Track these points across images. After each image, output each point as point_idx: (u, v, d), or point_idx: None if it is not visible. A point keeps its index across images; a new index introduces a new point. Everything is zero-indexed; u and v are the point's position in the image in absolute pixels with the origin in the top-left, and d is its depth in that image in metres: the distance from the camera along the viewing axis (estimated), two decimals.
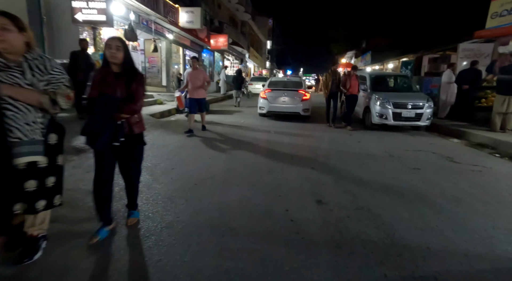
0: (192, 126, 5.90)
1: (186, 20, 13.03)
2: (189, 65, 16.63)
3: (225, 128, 6.70)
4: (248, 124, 7.32)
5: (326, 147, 5.12)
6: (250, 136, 5.85)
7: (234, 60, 24.42)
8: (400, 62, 12.84)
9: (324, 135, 6.24)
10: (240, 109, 10.60)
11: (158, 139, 5.14)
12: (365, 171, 3.75)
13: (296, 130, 6.74)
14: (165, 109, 8.41)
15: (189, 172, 3.52)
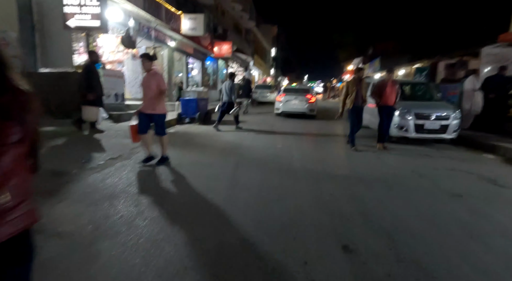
0: (153, 151, 4.22)
1: (189, 27, 12.67)
2: (191, 74, 16.26)
3: (226, 142, 6.10)
4: (253, 137, 6.72)
5: (342, 164, 4.47)
6: (254, 152, 5.24)
7: (238, 67, 24.06)
8: (413, 68, 12.21)
9: (337, 149, 5.60)
10: (243, 119, 10.04)
11: None
12: (395, 199, 3.09)
13: (306, 142, 6.12)
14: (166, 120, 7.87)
15: (183, 199, 2.91)
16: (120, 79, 7.62)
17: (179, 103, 8.69)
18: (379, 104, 5.55)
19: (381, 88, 5.48)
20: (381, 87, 5.47)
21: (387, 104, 5.48)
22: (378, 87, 5.57)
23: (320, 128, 8.77)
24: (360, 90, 5.39)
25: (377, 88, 5.58)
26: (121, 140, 5.41)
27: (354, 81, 5.48)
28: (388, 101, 5.46)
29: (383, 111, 5.56)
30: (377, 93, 5.54)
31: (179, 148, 5.28)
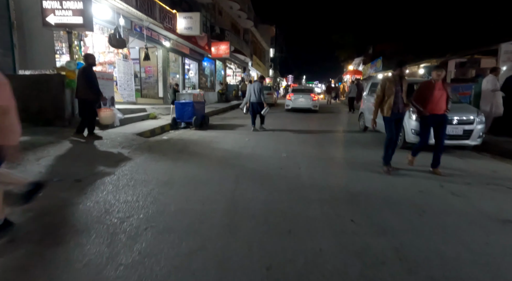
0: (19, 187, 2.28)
1: (185, 26, 12.09)
2: (188, 75, 15.66)
3: (224, 151, 5.50)
4: (254, 144, 6.12)
5: (356, 178, 3.88)
6: (256, 162, 4.64)
7: (237, 68, 23.50)
8: (420, 67, 11.67)
9: (346, 155, 5.02)
10: (243, 122, 9.44)
11: (139, 170, 3.95)
12: (433, 229, 2.51)
13: (312, 149, 5.53)
14: (157, 125, 7.27)
15: (170, 235, 2.31)
16: (109, 82, 7.01)
17: (174, 106, 8.09)
18: (424, 112, 4.08)
19: (426, 91, 4.06)
20: (426, 90, 4.05)
21: (436, 112, 4.04)
22: (421, 90, 4.14)
23: (323, 127, 8.20)
24: (401, 92, 4.06)
25: (420, 92, 4.15)
26: (107, 150, 4.80)
27: (393, 79, 4.06)
28: (436, 108, 4.02)
29: (430, 122, 4.12)
30: (421, 98, 4.10)
31: (172, 158, 4.67)
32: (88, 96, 5.07)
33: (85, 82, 4.98)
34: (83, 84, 5.02)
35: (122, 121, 7.00)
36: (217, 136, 6.90)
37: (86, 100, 5.09)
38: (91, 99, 5.12)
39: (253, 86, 7.82)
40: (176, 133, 7.35)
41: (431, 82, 4.05)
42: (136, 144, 5.48)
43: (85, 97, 5.08)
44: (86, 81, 4.97)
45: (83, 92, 5.04)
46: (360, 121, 8.16)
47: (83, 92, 5.04)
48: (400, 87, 4.05)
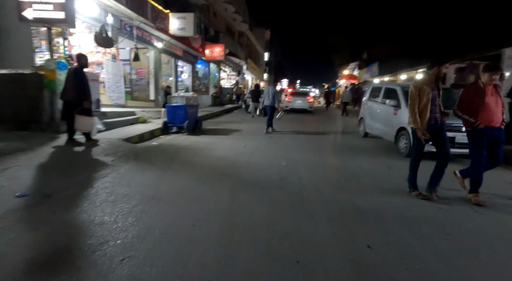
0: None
1: (178, 27, 11.67)
2: (181, 78, 15.22)
3: (219, 159, 5.07)
4: (251, 150, 5.71)
5: (364, 191, 3.50)
6: (254, 172, 4.23)
7: (231, 71, 23.15)
8: (418, 72, 11.50)
9: (350, 164, 4.65)
10: (238, 127, 9.03)
11: (122, 183, 3.49)
12: (465, 255, 2.13)
13: (313, 155, 5.15)
14: (146, 130, 6.79)
15: (151, 269, 1.87)
16: (95, 83, 6.52)
17: (165, 110, 7.64)
18: (476, 123, 3.10)
19: (474, 98, 3.15)
20: (475, 97, 3.14)
21: (492, 124, 3.11)
22: (467, 97, 3.23)
23: (322, 133, 7.86)
24: (438, 98, 3.25)
25: (466, 99, 3.24)
26: (87, 158, 4.31)
27: (429, 82, 3.26)
28: (492, 119, 3.11)
29: (482, 135, 3.13)
30: (468, 107, 3.19)
31: (160, 168, 4.22)
32: (75, 99, 4.75)
33: (74, 85, 4.69)
34: (72, 86, 4.70)
35: (108, 125, 6.51)
36: (211, 142, 6.46)
37: (72, 102, 4.75)
38: (78, 102, 4.78)
39: (268, 89, 8.02)
40: (167, 138, 6.88)
41: (479, 86, 3.16)
42: (121, 151, 5.00)
43: (72, 100, 4.75)
44: (75, 84, 4.68)
45: (71, 94, 4.72)
46: (360, 126, 7.85)
47: (71, 94, 4.72)
48: (437, 91, 3.24)
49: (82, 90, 4.73)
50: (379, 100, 6.79)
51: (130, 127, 7.19)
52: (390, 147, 6.20)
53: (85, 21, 7.44)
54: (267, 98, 7.89)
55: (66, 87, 4.80)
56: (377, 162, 5.03)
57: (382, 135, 6.48)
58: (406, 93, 5.69)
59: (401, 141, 5.50)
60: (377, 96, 7.07)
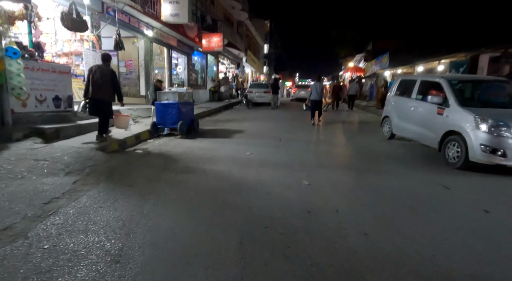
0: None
1: (170, 13, 10.34)
2: (175, 71, 13.92)
3: (219, 175, 3.90)
4: (259, 160, 4.54)
5: (435, 229, 2.36)
6: (268, 199, 3.06)
7: (230, 64, 21.78)
8: (441, 63, 10.31)
9: (392, 183, 3.49)
10: (240, 126, 7.84)
11: (76, 227, 2.33)
12: None
13: (342, 172, 3.99)
14: (131, 134, 5.58)
15: None
16: (64, 76, 5.29)
17: (154, 108, 6.43)
18: None
19: None
20: None
21: None
22: None
23: (338, 134, 6.71)
24: None
25: None
26: (39, 179, 3.12)
27: None
28: None
29: None
30: None
31: (139, 194, 3.04)
32: (109, 98, 4.93)
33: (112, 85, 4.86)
34: (108, 85, 4.81)
35: (82, 129, 5.30)
36: (210, 148, 5.28)
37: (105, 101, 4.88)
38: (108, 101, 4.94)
39: (315, 85, 8.80)
40: (156, 143, 5.69)
41: None
42: (92, 164, 3.82)
43: (106, 99, 4.88)
44: (113, 84, 4.88)
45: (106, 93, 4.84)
46: (384, 127, 6.68)
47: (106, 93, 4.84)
48: None
49: (119, 91, 5.05)
50: (412, 95, 5.61)
51: (112, 129, 5.96)
52: (431, 154, 5.06)
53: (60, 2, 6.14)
54: (315, 93, 8.65)
55: (99, 85, 4.73)
56: (424, 178, 3.87)
57: (417, 138, 5.33)
58: (457, 88, 4.55)
59: (450, 148, 4.34)
60: (408, 91, 5.89)
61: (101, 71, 4.77)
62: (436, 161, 4.65)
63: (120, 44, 7.41)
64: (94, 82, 4.72)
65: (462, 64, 8.39)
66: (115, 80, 4.91)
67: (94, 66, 4.89)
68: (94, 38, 7.28)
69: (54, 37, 8.02)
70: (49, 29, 7.74)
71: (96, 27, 7.84)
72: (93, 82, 4.73)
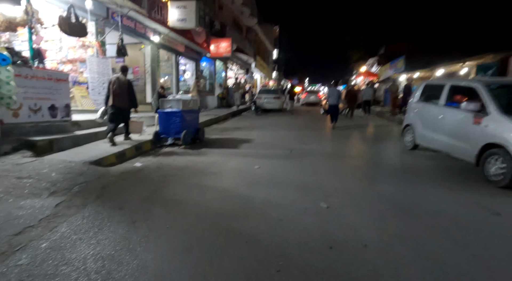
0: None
1: (177, 18, 10.10)
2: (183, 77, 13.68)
3: (223, 195, 3.43)
4: (268, 176, 4.05)
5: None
6: (280, 228, 2.56)
7: (239, 69, 21.52)
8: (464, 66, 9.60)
9: (426, 206, 2.92)
10: (248, 135, 7.38)
11: (49, 264, 1.89)
12: None
13: (365, 190, 3.45)
14: (131, 145, 5.20)
15: None
16: (62, 84, 4.98)
17: (157, 116, 6.07)
18: None
19: None
20: None
21: None
22: None
23: (354, 144, 6.13)
24: None
25: None
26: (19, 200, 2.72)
27: None
28: None
29: None
30: None
31: (130, 219, 2.59)
32: (128, 107, 5.46)
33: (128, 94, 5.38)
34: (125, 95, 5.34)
35: (79, 140, 4.96)
36: (215, 162, 4.83)
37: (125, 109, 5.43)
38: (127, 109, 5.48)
39: (332, 90, 9.37)
40: (157, 155, 5.29)
41: None
42: (82, 182, 3.42)
43: (125, 107, 5.42)
44: (130, 93, 5.41)
45: (125, 102, 5.37)
46: (406, 136, 6.08)
47: (125, 102, 5.37)
48: None
49: (134, 99, 5.50)
50: (440, 102, 5.02)
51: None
52: (465, 169, 4.44)
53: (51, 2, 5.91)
54: (332, 98, 9.06)
55: (118, 94, 5.25)
56: (464, 200, 3.28)
57: (447, 150, 4.71)
58: (495, 93, 3.95)
59: (492, 164, 3.73)
60: (435, 97, 5.30)
61: (119, 82, 5.29)
62: (474, 177, 4.03)
63: (123, 49, 7.14)
64: (114, 92, 5.23)
65: (490, 67, 7.73)
66: (131, 89, 5.42)
67: (114, 77, 5.42)
68: (97, 44, 7.02)
69: (59, 43, 7.86)
70: (53, 35, 7.59)
71: (101, 33, 7.63)
72: (113, 91, 5.24)
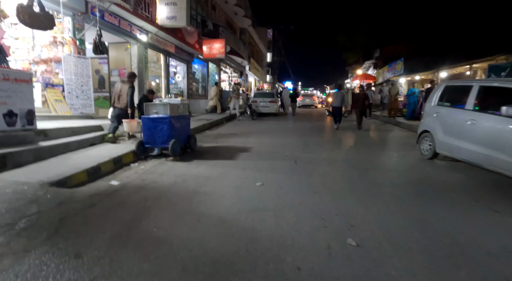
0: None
1: (167, 15, 9.35)
2: (174, 79, 12.88)
3: (219, 228, 2.66)
4: (274, 196, 3.30)
5: None
6: (296, 277, 1.81)
7: (233, 72, 20.81)
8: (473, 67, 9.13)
9: (473, 231, 2.24)
10: (245, 143, 6.62)
11: None
12: None
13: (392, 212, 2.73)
14: (109, 157, 4.37)
15: None
16: (23, 85, 4.14)
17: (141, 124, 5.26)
18: None
19: None
20: None
21: None
22: None
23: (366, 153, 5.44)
24: None
25: None
26: None
27: None
28: None
29: None
30: None
31: (84, 277, 1.80)
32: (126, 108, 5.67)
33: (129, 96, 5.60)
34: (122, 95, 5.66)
35: (45, 153, 4.11)
36: (208, 176, 4.06)
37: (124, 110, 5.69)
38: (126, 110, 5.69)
39: (337, 94, 9.67)
40: (141, 169, 4.48)
41: None
42: (33, 213, 2.60)
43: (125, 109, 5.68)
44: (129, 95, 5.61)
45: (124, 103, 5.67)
46: (423, 144, 5.44)
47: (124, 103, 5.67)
48: None
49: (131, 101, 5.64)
50: (467, 106, 4.38)
51: (86, 151, 4.78)
52: (503, 183, 3.79)
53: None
54: (336, 100, 9.47)
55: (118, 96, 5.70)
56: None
57: (482, 162, 4.06)
58: None
59: None
60: (459, 100, 4.68)
61: (122, 85, 5.72)
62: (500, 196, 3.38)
63: (101, 46, 6.31)
64: (116, 93, 5.71)
65: (504, 68, 7.24)
66: (130, 93, 5.61)
67: (119, 80, 5.84)
68: (71, 41, 6.19)
69: (32, 42, 6.98)
70: (25, 33, 6.73)
71: (79, 30, 6.81)
72: (115, 93, 5.73)
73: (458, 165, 4.81)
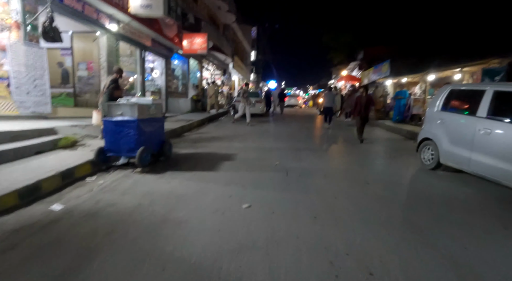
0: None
1: (141, 3, 8.37)
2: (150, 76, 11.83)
3: (198, 274, 1.90)
4: (266, 224, 2.60)
5: None
6: None
7: (215, 70, 19.89)
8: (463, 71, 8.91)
9: None
10: (229, 147, 5.85)
11: None
12: None
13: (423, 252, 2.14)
14: (56, 170, 3.46)
15: None
16: None
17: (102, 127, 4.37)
18: None
19: None
20: None
21: None
22: None
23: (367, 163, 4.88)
24: None
25: None
26: None
27: None
28: None
29: None
30: None
31: None
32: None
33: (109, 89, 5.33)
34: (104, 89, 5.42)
35: None
36: (182, 197, 3.28)
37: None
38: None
39: (330, 95, 10.49)
40: (97, 185, 3.61)
41: None
42: None
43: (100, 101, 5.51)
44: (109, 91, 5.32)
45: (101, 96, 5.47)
46: (424, 152, 4.96)
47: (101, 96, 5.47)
48: None
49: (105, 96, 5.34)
50: (479, 113, 3.91)
51: (26, 162, 3.82)
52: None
53: None
54: (327, 101, 10.27)
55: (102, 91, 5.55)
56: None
57: (498, 177, 3.58)
58: None
59: None
60: (468, 106, 4.21)
61: (107, 80, 5.53)
62: None
63: (51, 32, 5.29)
64: (102, 88, 5.57)
65: (499, 72, 7.01)
66: (109, 87, 5.32)
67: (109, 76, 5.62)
68: (14, 24, 5.14)
69: None
70: None
71: (31, 13, 5.73)
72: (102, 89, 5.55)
73: (463, 177, 4.36)
